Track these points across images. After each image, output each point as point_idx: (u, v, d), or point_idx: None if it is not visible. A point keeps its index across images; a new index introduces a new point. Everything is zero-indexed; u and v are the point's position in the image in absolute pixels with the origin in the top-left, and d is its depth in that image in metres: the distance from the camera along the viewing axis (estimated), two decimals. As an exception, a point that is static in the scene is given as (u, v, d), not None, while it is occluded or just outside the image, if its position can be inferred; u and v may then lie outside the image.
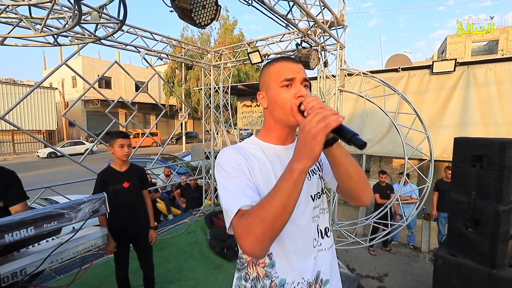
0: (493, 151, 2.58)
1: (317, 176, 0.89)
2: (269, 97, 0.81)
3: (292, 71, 0.77)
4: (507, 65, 4.31)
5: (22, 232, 1.15)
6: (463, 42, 15.41)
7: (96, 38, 2.16)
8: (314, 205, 0.85)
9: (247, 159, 0.79)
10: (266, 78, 0.82)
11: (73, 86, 21.86)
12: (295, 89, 0.76)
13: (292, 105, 0.74)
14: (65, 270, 2.68)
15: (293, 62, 0.80)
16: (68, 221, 1.32)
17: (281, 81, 0.77)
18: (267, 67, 0.83)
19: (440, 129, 4.90)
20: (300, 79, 0.77)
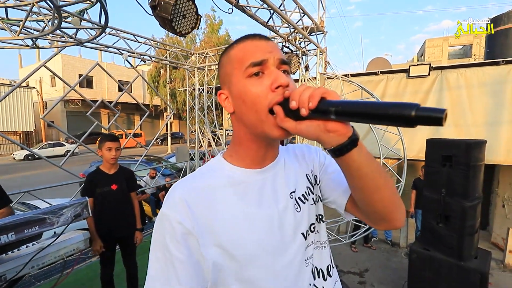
0: (460, 151, 2.78)
1: (309, 202, 0.65)
2: (233, 96, 0.55)
3: (262, 51, 0.52)
4: (476, 70, 4.61)
5: (3, 238, 1.16)
6: (440, 46, 16.16)
7: (77, 42, 2.15)
8: (307, 243, 0.62)
9: (203, 211, 0.54)
10: (226, 68, 0.56)
11: (52, 85, 21.04)
12: (270, 76, 0.51)
13: (274, 107, 0.49)
14: (46, 276, 2.64)
15: (262, 39, 0.55)
16: (50, 225, 1.34)
17: (247, 68, 0.52)
18: (227, 53, 0.57)
19: (417, 130, 5.14)
20: (274, 61, 0.52)
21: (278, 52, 0.55)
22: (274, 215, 0.58)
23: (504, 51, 5.42)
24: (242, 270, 0.54)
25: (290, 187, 0.63)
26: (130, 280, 2.37)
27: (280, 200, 0.60)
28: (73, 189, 5.69)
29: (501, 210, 4.97)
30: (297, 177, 0.66)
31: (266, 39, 0.56)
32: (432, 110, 0.33)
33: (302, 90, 0.45)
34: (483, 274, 2.72)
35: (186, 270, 0.51)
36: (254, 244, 0.55)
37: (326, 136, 0.45)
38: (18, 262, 1.37)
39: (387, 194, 0.52)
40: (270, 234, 0.57)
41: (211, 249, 0.52)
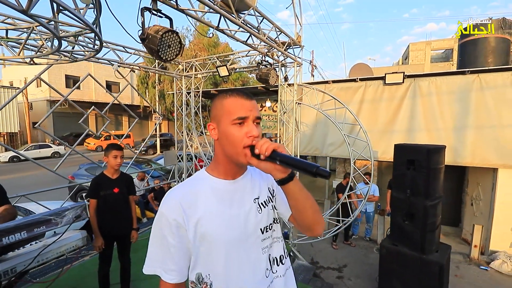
0: (422, 156, 3.11)
1: (269, 207, 0.89)
2: (220, 131, 0.79)
3: (246, 110, 0.76)
4: (445, 79, 5.00)
5: (17, 236, 1.37)
6: (423, 49, 16.82)
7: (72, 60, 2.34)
8: (263, 237, 0.86)
9: (190, 209, 0.78)
10: (218, 111, 0.80)
11: (37, 85, 20.62)
12: (247, 127, 0.76)
13: (245, 150, 0.74)
14: (42, 274, 2.80)
15: (247, 99, 0.78)
16: (55, 225, 1.55)
17: (234, 119, 0.75)
18: (220, 100, 0.81)
19: (393, 133, 5.51)
20: (253, 117, 0.77)
21: (256, 110, 0.80)
22: (241, 214, 0.82)
23: (473, 60, 5.85)
24: (215, 247, 0.79)
25: (254, 194, 0.87)
26: (124, 274, 2.60)
27: (246, 203, 0.84)
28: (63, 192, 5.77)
29: (470, 208, 5.39)
30: (261, 188, 0.90)
31: (250, 98, 0.80)
32: (323, 171, 0.63)
33: (263, 143, 0.71)
34: (442, 266, 3.06)
35: (178, 253, 0.78)
36: (225, 233, 0.79)
37: (275, 172, 0.72)
38: (25, 258, 1.58)
39: (311, 213, 0.79)
40: (237, 227, 0.81)
41: (196, 236, 0.78)
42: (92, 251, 3.56)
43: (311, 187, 9.42)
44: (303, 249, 4.95)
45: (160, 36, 1.71)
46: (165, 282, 0.79)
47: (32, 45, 2.35)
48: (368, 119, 5.60)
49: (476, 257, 4.56)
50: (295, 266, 3.69)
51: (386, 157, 5.51)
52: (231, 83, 18.37)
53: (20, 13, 1.49)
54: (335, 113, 4.27)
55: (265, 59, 3.22)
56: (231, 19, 2.19)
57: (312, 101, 4.63)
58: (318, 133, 6.12)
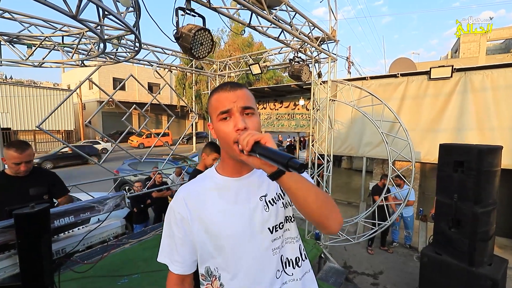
0: (472, 157, 2.80)
1: (279, 204, 0.82)
2: (214, 129, 0.77)
3: (228, 102, 0.72)
4: (503, 71, 4.44)
5: (66, 219, 1.53)
6: (478, 41, 15.10)
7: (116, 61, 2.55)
8: (273, 237, 0.80)
9: (194, 204, 0.79)
10: (209, 110, 0.79)
11: (89, 88, 22.84)
12: (234, 121, 0.72)
13: (233, 145, 0.70)
14: (89, 257, 3.10)
15: (231, 90, 0.74)
16: (97, 212, 1.70)
17: (218, 115, 0.73)
18: (209, 98, 0.79)
19: (438, 133, 5.06)
20: (238, 108, 0.72)
21: (241, 100, 0.73)
22: (245, 211, 0.79)
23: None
24: (220, 242, 0.78)
25: (261, 192, 0.82)
26: None
27: (251, 201, 0.80)
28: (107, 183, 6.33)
29: (531, 218, 4.74)
30: (269, 185, 0.83)
31: (234, 89, 0.74)
32: (294, 162, 0.55)
33: (244, 136, 0.64)
34: (495, 281, 2.72)
35: (182, 245, 0.81)
36: (229, 227, 0.77)
37: (263, 166, 0.65)
38: (72, 240, 1.74)
39: (315, 207, 0.68)
40: (241, 224, 0.78)
41: (200, 231, 0.78)
42: (132, 239, 3.83)
43: (345, 188, 9.06)
44: (336, 252, 4.79)
45: (193, 34, 1.78)
46: (171, 272, 0.84)
47: (83, 49, 2.61)
48: (410, 118, 5.20)
49: (540, 275, 3.98)
50: (326, 268, 3.57)
51: (430, 158, 5.08)
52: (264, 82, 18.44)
53: (71, 20, 1.64)
54: (372, 110, 4.04)
55: (298, 55, 3.16)
56: (263, 15, 2.19)
57: (348, 98, 4.43)
58: (353, 132, 5.86)
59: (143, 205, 4.83)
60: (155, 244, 3.69)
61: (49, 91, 18.62)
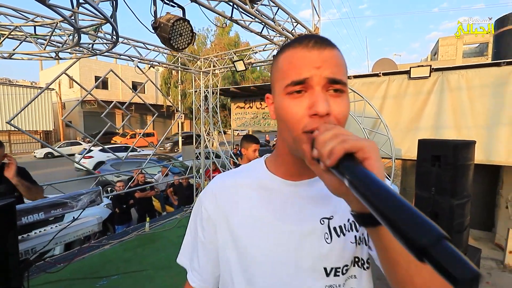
0: (448, 152, 2.91)
1: (349, 237, 0.54)
2: (275, 105, 0.52)
3: (308, 66, 0.45)
4: (477, 71, 4.65)
5: (35, 216, 1.45)
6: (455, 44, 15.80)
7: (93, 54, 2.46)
8: (328, 283, 0.53)
9: (225, 203, 0.59)
10: (273, 75, 0.53)
11: (69, 86, 22.02)
12: (310, 98, 0.45)
13: (304, 139, 0.44)
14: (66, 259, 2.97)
15: (311, 48, 0.46)
16: (70, 208, 1.62)
17: (288, 85, 0.47)
18: (277, 57, 0.53)
19: (418, 131, 5.22)
20: (320, 79, 0.45)
21: (329, 67, 0.45)
22: (293, 234, 0.53)
23: (510, 51, 5.39)
24: (245, 269, 0.55)
25: (324, 212, 0.55)
26: None
27: (305, 221, 0.54)
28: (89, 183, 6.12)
29: (505, 211, 4.97)
30: (341, 204, 0.53)
31: (321, 46, 0.46)
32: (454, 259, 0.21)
33: (327, 138, 0.37)
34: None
35: (204, 253, 0.61)
36: (261, 251, 0.54)
37: (346, 197, 0.39)
38: (44, 239, 1.66)
39: (405, 267, 0.39)
40: (282, 251, 0.53)
41: (225, 236, 0.57)
42: (112, 240, 3.71)
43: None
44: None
45: (172, 24, 1.74)
46: (188, 283, 0.65)
47: (58, 42, 2.50)
48: (391, 116, 5.33)
49: (511, 264, 4.19)
50: None
51: (411, 155, 5.22)
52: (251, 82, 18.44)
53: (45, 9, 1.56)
54: (355, 106, 4.11)
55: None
56: (245, 9, 2.17)
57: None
58: (337, 130, 5.95)
59: (125, 206, 4.70)
60: (136, 244, 3.59)
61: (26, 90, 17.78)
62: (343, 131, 0.38)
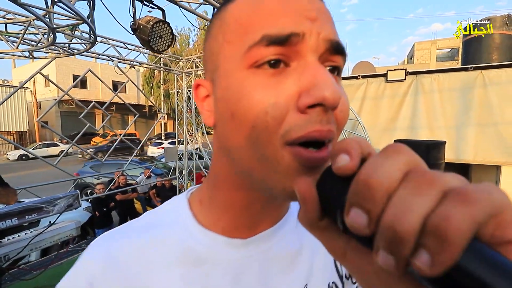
0: (421, 152, 3.06)
1: None
2: (218, 97, 0.28)
3: (295, 13, 0.24)
4: (448, 75, 4.94)
5: (8, 222, 1.41)
6: (429, 49, 16.61)
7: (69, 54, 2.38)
8: None
9: None
10: (214, 42, 0.29)
11: (45, 85, 21.04)
12: (302, 74, 0.24)
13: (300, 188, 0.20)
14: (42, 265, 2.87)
15: None
16: (46, 213, 1.58)
17: (254, 45, 0.24)
18: (219, 13, 0.30)
19: (395, 131, 5.46)
20: (320, 43, 0.25)
21: (329, 23, 0.26)
22: None
23: (477, 57, 5.76)
24: None
25: (297, 280, 0.35)
26: None
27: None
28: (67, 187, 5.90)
29: (472, 206, 5.30)
30: (315, 260, 0.37)
31: None
32: None
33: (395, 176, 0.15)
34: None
35: None
36: None
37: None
38: (19, 245, 1.62)
39: None
40: None
41: None
42: (92, 244, 3.62)
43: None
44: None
45: (151, 26, 1.74)
46: None
47: (32, 40, 2.41)
48: (370, 117, 5.55)
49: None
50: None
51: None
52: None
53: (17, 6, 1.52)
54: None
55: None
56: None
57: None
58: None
59: (106, 209, 4.58)
60: (118, 248, 3.51)
61: (-2, 88, 16.82)
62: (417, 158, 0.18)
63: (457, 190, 0.14)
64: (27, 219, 1.50)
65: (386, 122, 5.42)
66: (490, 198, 0.13)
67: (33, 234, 1.72)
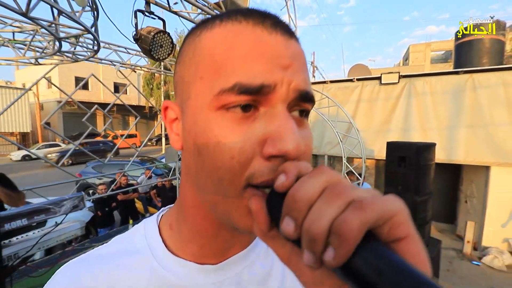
0: (412, 153, 3.19)
1: None
2: (186, 127, 0.29)
3: (269, 61, 0.25)
4: (440, 78, 5.05)
5: (18, 222, 1.54)
6: (423, 51, 16.74)
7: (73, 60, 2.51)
8: None
9: None
10: (185, 68, 0.29)
11: (48, 87, 21.20)
12: (269, 122, 0.25)
13: (253, 206, 0.24)
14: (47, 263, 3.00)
15: (274, 30, 0.26)
16: (53, 214, 1.71)
17: (223, 92, 0.25)
18: (195, 36, 0.29)
19: (389, 132, 5.57)
20: (289, 93, 0.26)
21: (301, 71, 0.27)
22: None
23: (468, 60, 5.85)
24: None
25: None
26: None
27: None
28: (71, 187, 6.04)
29: (464, 205, 5.40)
30: (285, 279, 0.36)
31: (287, 31, 0.27)
32: None
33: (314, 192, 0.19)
34: (431, 259, 3.13)
35: None
36: None
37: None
38: (27, 244, 1.74)
39: None
40: None
41: None
42: (95, 243, 3.74)
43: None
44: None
45: (152, 36, 1.86)
46: None
47: (38, 47, 2.53)
48: (365, 119, 5.66)
49: (469, 253, 4.60)
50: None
51: (382, 155, 5.54)
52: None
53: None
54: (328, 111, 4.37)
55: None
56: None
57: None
58: (315, 132, 6.21)
59: (108, 208, 4.71)
60: (119, 247, 3.64)
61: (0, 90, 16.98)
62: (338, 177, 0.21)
63: (357, 200, 0.18)
64: (35, 219, 1.63)
65: (380, 124, 5.54)
66: (382, 205, 0.17)
67: (40, 233, 1.85)
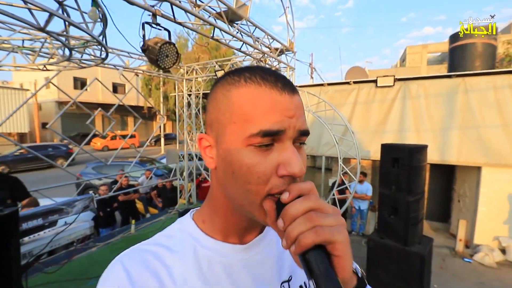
0: (405, 155, 3.32)
1: None
2: (220, 155, 0.41)
3: (281, 114, 0.38)
4: (433, 82, 5.20)
5: (34, 222, 1.64)
6: (420, 52, 16.93)
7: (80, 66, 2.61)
8: None
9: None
10: (221, 114, 0.41)
11: (46, 87, 21.18)
12: (280, 153, 0.38)
13: (267, 204, 0.38)
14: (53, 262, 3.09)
15: (285, 91, 0.39)
16: (66, 214, 1.82)
17: (253, 135, 0.37)
18: (225, 90, 0.41)
19: (384, 134, 5.71)
20: (294, 132, 0.39)
21: (300, 117, 0.40)
22: None
23: (462, 64, 6.00)
24: None
25: (283, 274, 0.48)
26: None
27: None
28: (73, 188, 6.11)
29: (457, 205, 5.56)
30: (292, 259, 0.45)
31: (291, 90, 0.40)
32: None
33: (299, 217, 0.34)
34: (423, 257, 3.26)
35: None
36: None
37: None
38: (40, 242, 1.85)
39: None
40: None
41: None
42: (98, 243, 3.84)
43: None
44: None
45: (159, 47, 1.97)
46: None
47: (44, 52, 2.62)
48: (361, 120, 5.80)
49: (461, 250, 4.75)
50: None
51: (378, 156, 5.68)
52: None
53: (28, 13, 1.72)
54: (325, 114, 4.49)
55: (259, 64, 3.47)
56: (225, 31, 2.43)
57: (305, 103, 4.86)
58: (314, 134, 6.34)
59: (109, 209, 4.80)
60: (122, 246, 3.74)
61: (-3, 90, 16.92)
62: (319, 205, 0.34)
63: (318, 226, 0.33)
64: (49, 219, 1.74)
65: (376, 125, 5.68)
66: (331, 234, 0.32)
67: (51, 233, 1.95)
